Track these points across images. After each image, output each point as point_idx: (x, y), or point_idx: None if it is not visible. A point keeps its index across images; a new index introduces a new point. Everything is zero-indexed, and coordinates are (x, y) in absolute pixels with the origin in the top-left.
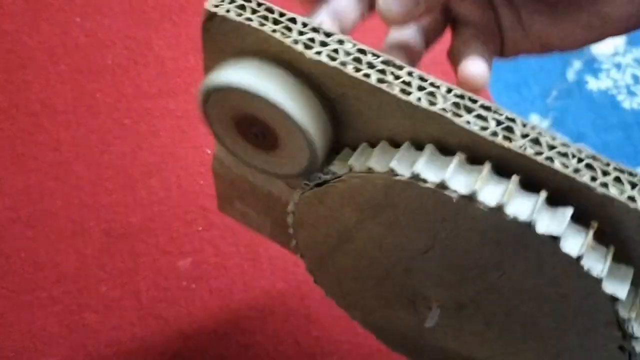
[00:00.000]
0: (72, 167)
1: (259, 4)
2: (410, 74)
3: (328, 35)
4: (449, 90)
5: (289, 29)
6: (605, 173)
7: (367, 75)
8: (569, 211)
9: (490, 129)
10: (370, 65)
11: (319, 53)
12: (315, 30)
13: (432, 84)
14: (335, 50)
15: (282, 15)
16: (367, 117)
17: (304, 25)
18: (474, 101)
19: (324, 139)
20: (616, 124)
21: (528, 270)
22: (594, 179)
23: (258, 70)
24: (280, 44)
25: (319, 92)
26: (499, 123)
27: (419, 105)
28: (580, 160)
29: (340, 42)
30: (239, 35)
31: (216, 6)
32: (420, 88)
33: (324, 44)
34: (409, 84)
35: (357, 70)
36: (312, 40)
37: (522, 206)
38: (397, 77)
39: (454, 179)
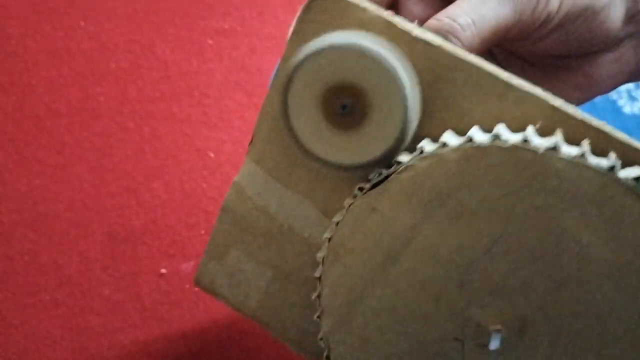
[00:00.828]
0: (76, 170)
1: None
2: None
3: None
4: None
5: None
6: None
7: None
8: None
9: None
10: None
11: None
12: None
13: None
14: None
15: None
16: (454, 103)
17: None
18: None
19: (415, 119)
20: (617, 128)
21: (614, 239)
22: None
23: (366, 35)
24: (386, 22)
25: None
26: None
27: (521, 86)
28: None
29: None
30: (343, 15)
31: None
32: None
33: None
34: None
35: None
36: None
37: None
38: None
39: (535, 139)
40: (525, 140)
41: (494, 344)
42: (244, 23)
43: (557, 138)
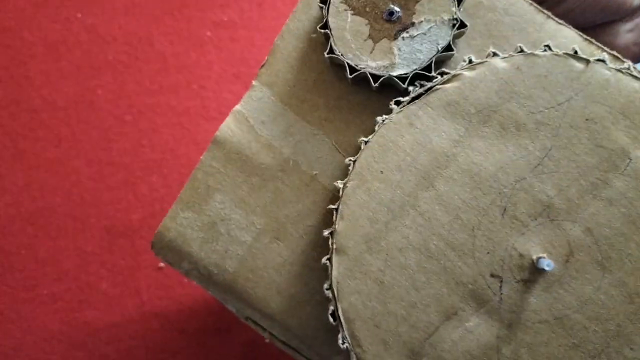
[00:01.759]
0: (73, 163)
1: None
2: None
3: None
4: None
5: None
6: None
7: None
8: None
9: None
10: None
11: None
12: None
13: None
14: None
15: None
16: (494, 30)
17: None
18: None
19: (460, 34)
20: None
21: None
22: None
23: None
24: None
25: None
26: None
27: (559, 20)
28: None
29: None
30: None
31: None
32: None
33: None
34: None
35: None
36: None
37: None
38: None
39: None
40: (576, 52)
41: (546, 265)
42: (243, 15)
43: (604, 54)
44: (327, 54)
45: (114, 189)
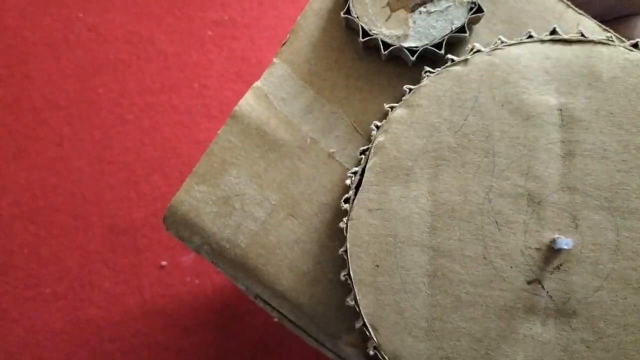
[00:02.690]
0: (75, 162)
1: None
2: None
3: None
4: None
5: None
6: None
7: None
8: None
9: None
10: None
11: None
12: None
13: None
14: None
15: None
16: (514, 16)
17: None
18: None
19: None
20: None
21: None
22: None
23: None
24: None
25: None
26: None
27: (578, 9)
28: None
29: None
30: None
31: None
32: None
33: None
34: None
35: None
36: None
37: None
38: None
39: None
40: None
41: (564, 244)
42: (244, 14)
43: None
44: (344, 14)
45: (116, 187)
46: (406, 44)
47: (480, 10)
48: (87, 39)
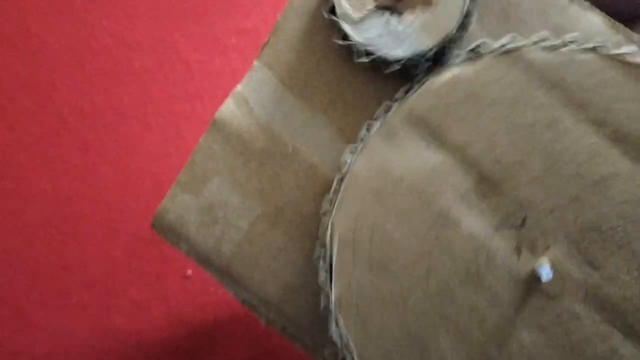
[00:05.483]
0: (100, 169)
1: None
2: None
3: None
4: None
5: None
6: None
7: None
8: None
9: None
10: None
11: None
12: None
13: None
14: None
15: None
16: (513, 14)
17: None
18: None
19: (475, 12)
20: None
21: None
22: None
23: None
24: None
25: None
26: None
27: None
28: None
29: None
30: None
31: None
32: None
33: None
34: None
35: None
36: None
37: None
38: None
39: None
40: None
41: (545, 274)
42: (267, 22)
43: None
44: (328, 12)
45: (141, 195)
46: (391, 53)
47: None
48: (111, 46)
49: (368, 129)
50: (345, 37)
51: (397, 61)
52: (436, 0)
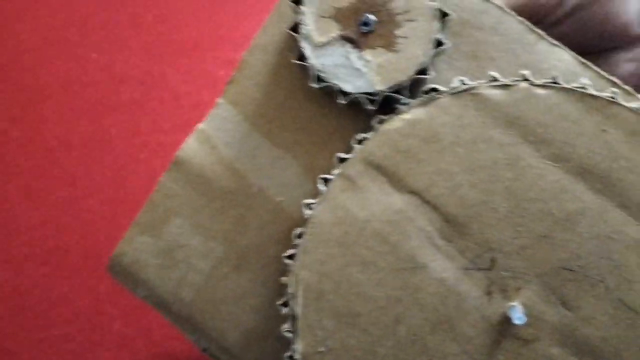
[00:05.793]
0: (87, 202)
1: None
2: None
3: None
4: None
5: None
6: None
7: None
8: None
9: None
10: None
11: None
12: None
13: None
14: None
15: None
16: (480, 50)
17: None
18: None
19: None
20: None
21: None
22: None
23: None
24: None
25: None
26: None
27: (551, 40)
28: None
29: None
30: None
31: None
32: None
33: None
34: None
35: None
36: None
37: None
38: None
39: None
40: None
41: (517, 318)
42: None
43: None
44: (296, 59)
45: (128, 227)
46: (341, 85)
47: (440, 44)
48: (100, 79)
49: (326, 181)
50: (301, 57)
51: (346, 94)
52: (399, 47)
